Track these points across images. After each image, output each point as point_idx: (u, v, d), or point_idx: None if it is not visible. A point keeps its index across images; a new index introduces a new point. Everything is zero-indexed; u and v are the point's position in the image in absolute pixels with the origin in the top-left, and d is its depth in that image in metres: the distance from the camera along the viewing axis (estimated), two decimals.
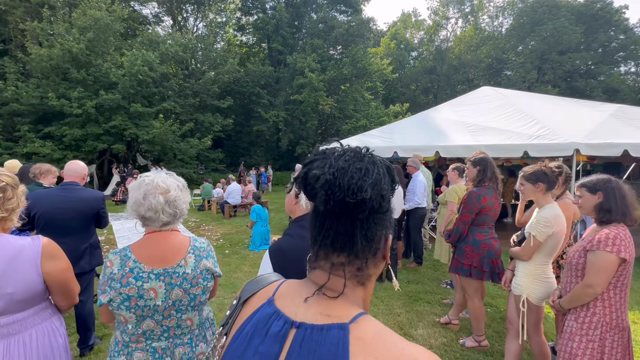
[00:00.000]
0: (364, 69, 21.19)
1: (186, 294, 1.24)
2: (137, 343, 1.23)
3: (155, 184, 1.24)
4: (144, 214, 1.23)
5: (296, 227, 1.30)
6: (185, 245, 1.30)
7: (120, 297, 1.16)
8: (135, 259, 1.21)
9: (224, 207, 9.47)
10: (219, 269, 1.38)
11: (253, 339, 0.55)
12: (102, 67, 14.42)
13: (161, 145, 15.77)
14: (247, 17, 24.86)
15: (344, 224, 0.53)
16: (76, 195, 2.56)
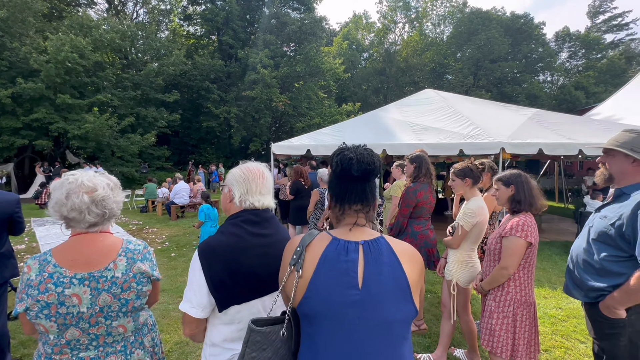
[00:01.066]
0: (317, 67, 21.41)
1: (116, 299, 1.17)
2: (62, 354, 1.14)
3: (80, 183, 1.16)
4: (67, 215, 1.15)
5: (230, 224, 1.28)
6: (116, 248, 1.22)
7: (39, 304, 1.07)
8: (56, 263, 1.12)
9: (171, 207, 8.91)
10: (158, 272, 1.31)
11: (339, 257, 0.91)
12: (20, 50, 12.61)
13: (96, 142, 14.30)
14: (195, 7, 23.53)
15: (362, 185, 0.98)
16: None
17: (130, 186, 15.80)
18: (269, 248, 1.28)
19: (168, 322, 3.27)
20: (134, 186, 15.78)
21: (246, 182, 1.29)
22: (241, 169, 1.33)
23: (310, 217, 4.70)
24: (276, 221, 1.38)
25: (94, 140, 14.13)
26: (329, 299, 0.88)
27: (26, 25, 13.22)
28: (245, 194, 1.28)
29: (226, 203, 1.36)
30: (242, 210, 1.29)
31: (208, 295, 1.15)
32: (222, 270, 1.16)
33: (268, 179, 1.36)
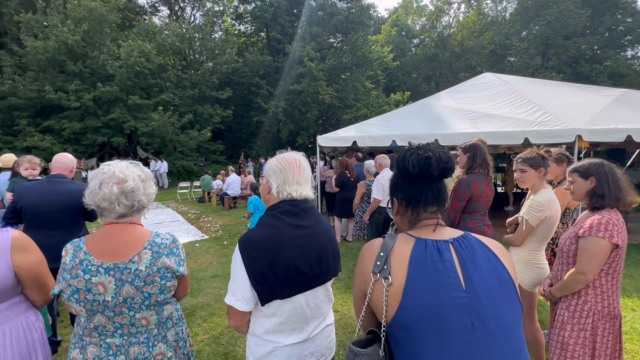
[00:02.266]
0: (364, 57, 20.86)
1: (139, 292, 1.18)
2: (91, 337, 1.20)
3: (112, 173, 1.18)
4: (99, 204, 1.18)
5: (268, 216, 1.25)
6: (143, 241, 1.23)
7: (70, 288, 1.13)
8: (87, 250, 1.16)
9: (224, 198, 9.47)
10: (184, 267, 1.30)
11: (433, 257, 0.84)
12: (99, 58, 14.30)
13: (161, 138, 15.74)
14: (245, 5, 24.40)
15: (437, 185, 0.94)
16: (63, 188, 2.52)
17: (189, 178, 17.17)
18: (308, 239, 1.24)
19: (220, 306, 3.46)
20: (192, 178, 17.12)
21: (283, 172, 1.25)
22: (277, 159, 1.29)
23: (357, 209, 4.60)
24: (316, 212, 1.33)
25: (159, 136, 15.57)
26: (434, 304, 0.79)
27: (103, 35, 14.93)
28: (282, 184, 1.25)
29: (265, 194, 1.34)
30: (280, 201, 1.26)
31: (251, 289, 1.15)
32: (262, 264, 1.14)
33: (305, 168, 1.31)
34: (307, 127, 21.84)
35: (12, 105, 13.62)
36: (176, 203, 10.96)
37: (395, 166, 1.02)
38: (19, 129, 13.71)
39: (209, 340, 2.86)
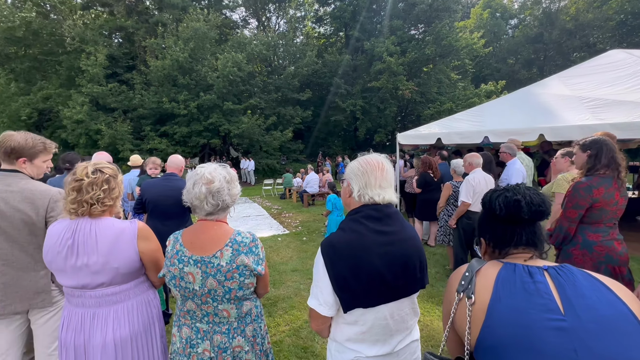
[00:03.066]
0: (450, 46, 19.20)
1: (220, 286, 1.26)
2: (185, 319, 1.35)
3: (202, 175, 1.30)
4: (192, 202, 1.31)
5: (350, 220, 1.22)
6: (225, 238, 1.31)
7: (170, 274, 1.29)
8: (182, 242, 1.30)
9: (303, 195, 9.91)
10: (262, 267, 1.34)
11: (523, 278, 0.80)
12: (201, 71, 16.47)
13: (249, 139, 17.35)
14: (325, 8, 25.03)
15: (531, 228, 0.89)
16: (174, 185, 2.95)
17: (272, 175, 18.52)
18: (392, 247, 1.16)
19: (299, 300, 3.61)
20: (275, 176, 18.42)
21: (364, 175, 1.20)
22: (359, 162, 1.25)
23: (441, 213, 4.25)
24: (400, 217, 1.25)
25: (247, 137, 17.19)
26: (524, 324, 0.74)
27: (205, 51, 17.16)
28: (364, 187, 1.20)
29: (346, 197, 1.31)
30: (361, 205, 1.21)
31: (333, 294, 1.13)
32: (344, 269, 1.11)
33: (388, 172, 1.23)
34: (385, 125, 21.28)
35: (140, 115, 16.77)
36: (261, 198, 11.92)
37: (482, 205, 0.97)
38: (144, 134, 16.79)
39: (289, 332, 3.00)
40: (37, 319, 1.75)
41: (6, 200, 1.59)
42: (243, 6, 23.43)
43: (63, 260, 1.36)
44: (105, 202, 1.40)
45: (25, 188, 1.64)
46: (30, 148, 1.72)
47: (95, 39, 16.66)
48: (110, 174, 1.44)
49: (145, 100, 16.24)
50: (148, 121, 17.08)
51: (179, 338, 1.36)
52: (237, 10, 23.84)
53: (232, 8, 23.19)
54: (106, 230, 1.39)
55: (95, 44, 16.32)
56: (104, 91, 15.73)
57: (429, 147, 6.85)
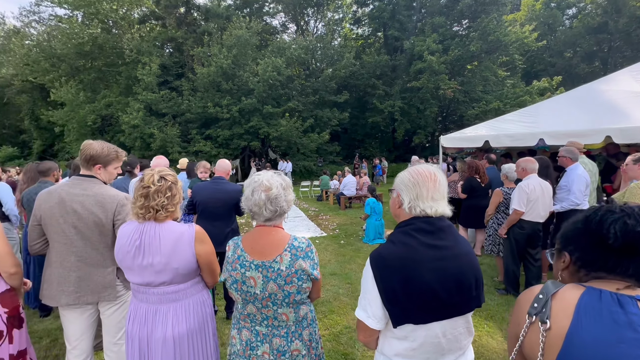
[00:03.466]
0: (498, 41, 18.03)
1: (280, 290, 1.29)
2: (245, 322, 1.39)
3: (260, 182, 1.35)
4: (251, 209, 1.36)
5: (400, 232, 1.18)
6: (284, 243, 1.34)
7: (231, 278, 1.34)
8: (242, 248, 1.35)
9: (340, 198, 9.89)
10: (318, 272, 1.36)
11: (610, 308, 0.71)
12: (243, 77, 17.17)
13: (287, 141, 17.73)
14: (363, 9, 24.85)
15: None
16: (222, 188, 3.10)
17: (309, 177, 18.73)
18: (446, 262, 1.11)
19: (338, 304, 3.60)
20: (312, 177, 18.61)
21: (416, 186, 1.16)
22: (410, 172, 1.21)
23: (490, 221, 4.00)
24: (454, 231, 1.19)
25: (285, 140, 17.58)
26: (610, 356, 0.67)
27: (247, 57, 17.88)
28: (415, 199, 1.16)
29: (395, 208, 1.27)
30: (412, 217, 1.17)
31: (382, 308, 1.10)
32: (394, 282, 1.08)
33: (441, 183, 1.19)
34: (424, 126, 20.57)
35: (187, 119, 17.90)
36: (298, 200, 12.11)
37: (583, 222, 0.81)
38: (191, 137, 17.89)
39: (329, 337, 3.00)
40: (105, 310, 1.93)
41: (82, 203, 1.78)
42: (282, 12, 24.06)
43: (131, 259, 1.49)
44: (169, 208, 1.51)
45: (98, 192, 1.82)
46: (106, 156, 1.90)
47: (150, 50, 18.13)
48: (172, 181, 1.54)
49: (192, 106, 17.30)
50: (194, 125, 18.17)
51: (238, 340, 1.41)
52: (276, 16, 24.55)
53: (272, 14, 23.91)
54: (168, 233, 1.50)
55: (150, 55, 17.75)
56: (157, 98, 17.03)
57: (475, 149, 6.48)
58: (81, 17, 19.57)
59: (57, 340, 2.98)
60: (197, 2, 21.48)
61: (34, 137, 25.93)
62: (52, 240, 1.79)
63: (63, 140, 21.83)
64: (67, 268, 1.78)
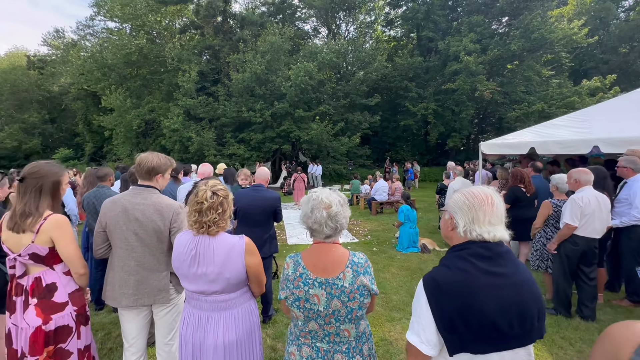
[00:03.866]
0: (543, 39, 16.90)
1: (344, 306, 1.30)
2: (305, 339, 1.40)
3: (320, 200, 1.37)
4: (311, 226, 1.38)
5: (455, 257, 1.15)
6: (345, 259, 1.36)
7: (293, 296, 1.35)
8: (304, 265, 1.36)
9: (371, 203, 9.78)
10: (376, 286, 1.38)
11: None
12: (276, 81, 17.56)
13: (317, 144, 17.85)
14: (396, 10, 24.48)
15: None
16: (261, 195, 3.19)
17: (339, 181, 18.72)
18: (507, 291, 1.07)
19: (373, 315, 3.54)
20: (341, 181, 18.58)
21: (471, 209, 1.13)
22: (464, 195, 1.17)
23: (537, 234, 3.75)
24: (513, 257, 1.14)
25: (316, 143, 17.70)
26: None
27: (279, 62, 18.26)
28: (470, 223, 1.12)
29: (447, 230, 1.24)
30: (468, 241, 1.14)
31: (437, 334, 1.08)
32: (452, 310, 1.05)
33: (498, 206, 1.14)
34: (459, 129, 19.78)
35: (223, 124, 18.62)
36: None
37: None
38: (225, 140, 18.58)
39: None
40: (158, 312, 2.06)
41: (143, 211, 1.91)
42: (314, 16, 24.32)
43: (187, 268, 1.58)
44: (220, 224, 1.58)
45: (157, 201, 1.95)
46: (163, 165, 2.05)
47: (189, 58, 19.13)
48: (223, 196, 1.62)
49: (227, 110, 17.98)
50: (229, 129, 18.86)
51: (298, 357, 1.41)
52: (308, 20, 24.87)
53: (304, 19, 24.26)
54: (221, 245, 1.57)
55: (189, 62, 18.72)
56: (195, 103, 17.90)
57: (520, 156, 6.13)
58: (129, 29, 21.13)
59: (110, 334, 3.22)
60: (233, 11, 22.34)
61: (86, 140, 28.30)
62: (114, 245, 1.95)
63: (111, 143, 23.62)
64: (127, 272, 1.92)
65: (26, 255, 1.67)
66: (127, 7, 20.00)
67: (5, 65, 31.01)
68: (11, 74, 29.16)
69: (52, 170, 1.77)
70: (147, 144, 21.96)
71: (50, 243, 1.69)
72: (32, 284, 1.69)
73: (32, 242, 1.65)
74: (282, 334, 3.19)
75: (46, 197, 1.73)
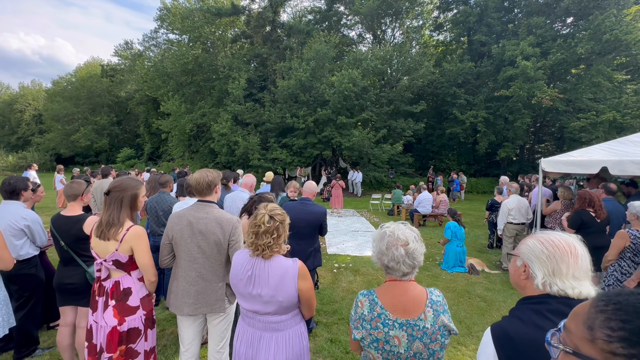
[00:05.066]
0: (617, 40, 15.14)
1: (426, 348, 1.25)
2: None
3: (397, 237, 1.33)
4: (387, 264, 1.34)
5: (530, 310, 1.04)
6: (424, 298, 1.31)
7: (370, 337, 1.29)
8: (382, 305, 1.31)
9: (413, 215, 9.45)
10: (454, 324, 1.31)
11: None
12: (320, 88, 17.82)
13: (358, 151, 17.73)
14: (446, 13, 23.60)
15: None
16: (308, 209, 3.25)
17: (379, 188, 18.38)
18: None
19: None
20: (382, 189, 18.22)
21: (551, 260, 1.02)
22: (541, 242, 1.07)
23: (610, 267, 3.35)
24: None
25: (357, 150, 17.59)
26: None
27: (324, 69, 18.52)
28: (550, 275, 1.02)
29: (519, 278, 1.14)
30: (545, 294, 1.03)
31: None
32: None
33: (583, 258, 1.03)
34: (513, 138, 18.40)
35: (267, 129, 19.32)
36: (368, 213, 11.96)
37: None
38: (269, 145, 19.23)
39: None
40: (212, 320, 2.18)
41: (206, 224, 2.05)
42: (360, 23, 24.32)
43: (243, 287, 1.65)
44: (273, 249, 1.64)
45: (217, 216, 2.08)
46: (217, 177, 2.22)
47: (239, 66, 20.18)
48: (280, 221, 1.67)
49: (272, 116, 18.62)
50: (273, 134, 19.51)
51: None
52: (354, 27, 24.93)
53: (350, 26, 24.37)
54: (276, 268, 1.62)
55: (239, 70, 19.75)
56: (242, 109, 18.81)
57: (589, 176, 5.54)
58: (187, 39, 22.91)
59: (164, 331, 3.47)
60: (281, 20, 23.17)
61: (145, 141, 31.09)
62: (178, 257, 2.10)
63: (166, 144, 25.66)
64: (189, 282, 2.06)
65: (110, 261, 1.87)
66: (186, 20, 21.73)
67: (83, 73, 35.33)
68: (88, 82, 33.13)
69: (131, 185, 1.98)
70: (197, 146, 23.51)
71: (131, 252, 1.89)
72: (112, 287, 1.90)
73: (116, 250, 1.85)
74: (322, 349, 3.19)
75: (126, 208, 1.93)
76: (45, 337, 3.28)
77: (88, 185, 2.65)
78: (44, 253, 3.28)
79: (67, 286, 2.43)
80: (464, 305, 4.23)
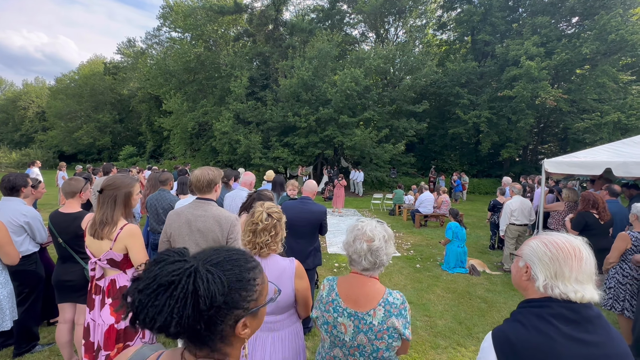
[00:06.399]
0: (622, 41, 15.00)
1: (370, 343, 1.28)
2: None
3: (364, 232, 1.35)
4: (351, 255, 1.38)
5: (531, 314, 1.01)
6: (378, 297, 1.33)
7: (323, 318, 1.37)
8: (338, 292, 1.38)
9: (415, 215, 9.42)
10: (409, 331, 1.31)
11: None
12: (322, 87, 17.77)
13: (360, 151, 17.68)
14: (449, 13, 23.47)
15: None
16: (308, 208, 3.23)
17: (380, 188, 18.33)
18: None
19: (416, 340, 3.39)
20: (383, 189, 18.17)
21: (554, 262, 1.00)
22: (545, 243, 1.04)
23: (612, 270, 3.32)
24: (605, 324, 0.99)
25: (359, 149, 17.55)
26: None
27: (326, 68, 18.46)
28: (552, 278, 0.99)
29: (521, 280, 1.11)
30: (547, 297, 1.01)
31: None
32: None
33: (587, 261, 1.00)
34: (516, 139, 18.30)
35: (269, 127, 19.29)
36: (369, 212, 11.93)
37: None
38: (271, 144, 19.21)
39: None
40: None
41: (204, 222, 2.04)
42: (363, 21, 24.24)
43: None
44: (271, 247, 1.63)
45: (216, 214, 2.07)
46: (218, 176, 2.21)
47: (242, 65, 20.15)
48: (277, 219, 1.66)
49: (274, 115, 18.60)
50: (274, 133, 19.48)
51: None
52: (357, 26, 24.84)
53: (353, 25, 24.29)
54: (273, 267, 1.61)
55: (241, 69, 19.72)
56: (244, 107, 18.79)
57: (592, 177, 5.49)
58: (190, 38, 22.91)
59: None
60: (284, 19, 23.12)
61: (147, 139, 31.16)
62: None
63: (168, 142, 25.70)
64: None
65: (105, 260, 1.86)
66: (189, 18, 21.73)
67: (86, 71, 35.46)
68: (91, 79, 33.24)
69: (124, 182, 1.96)
70: (199, 144, 23.53)
71: (125, 250, 1.87)
72: (109, 285, 1.88)
73: (110, 249, 1.84)
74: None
75: (120, 206, 1.91)
76: (45, 333, 3.28)
77: (87, 182, 2.65)
78: (45, 249, 3.28)
79: (66, 283, 2.43)
80: (465, 306, 4.20)
